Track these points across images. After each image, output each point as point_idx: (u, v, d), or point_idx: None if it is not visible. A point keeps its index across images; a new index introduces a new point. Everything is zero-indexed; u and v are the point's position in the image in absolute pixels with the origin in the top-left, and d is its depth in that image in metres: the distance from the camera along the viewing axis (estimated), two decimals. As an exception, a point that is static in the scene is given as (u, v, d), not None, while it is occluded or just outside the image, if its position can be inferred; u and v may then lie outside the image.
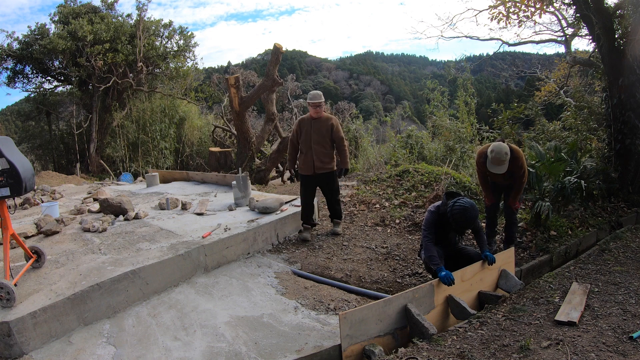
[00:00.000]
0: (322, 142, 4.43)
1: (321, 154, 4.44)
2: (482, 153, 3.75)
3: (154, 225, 4.29)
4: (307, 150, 4.48)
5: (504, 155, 3.49)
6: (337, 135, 4.47)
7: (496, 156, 3.49)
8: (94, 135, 13.17)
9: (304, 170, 4.53)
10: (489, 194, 3.98)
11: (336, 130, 4.46)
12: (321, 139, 4.43)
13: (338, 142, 4.50)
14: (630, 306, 2.57)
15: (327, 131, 4.44)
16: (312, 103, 4.42)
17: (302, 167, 4.55)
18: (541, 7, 5.95)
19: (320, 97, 4.45)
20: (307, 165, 4.50)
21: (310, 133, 4.45)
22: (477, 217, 2.97)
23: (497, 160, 3.51)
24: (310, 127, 4.46)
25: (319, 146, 4.43)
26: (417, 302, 2.61)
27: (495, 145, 3.56)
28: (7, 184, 2.62)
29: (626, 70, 5.07)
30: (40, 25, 12.97)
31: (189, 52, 14.94)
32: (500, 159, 3.49)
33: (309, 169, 4.50)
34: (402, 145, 10.19)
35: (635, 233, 4.13)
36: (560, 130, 7.21)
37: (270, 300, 3.16)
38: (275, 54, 9.11)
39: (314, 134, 4.43)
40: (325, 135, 4.43)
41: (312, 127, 4.45)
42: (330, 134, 4.45)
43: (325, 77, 63.25)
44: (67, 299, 2.68)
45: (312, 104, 4.42)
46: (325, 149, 4.45)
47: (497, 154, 3.49)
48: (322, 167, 4.46)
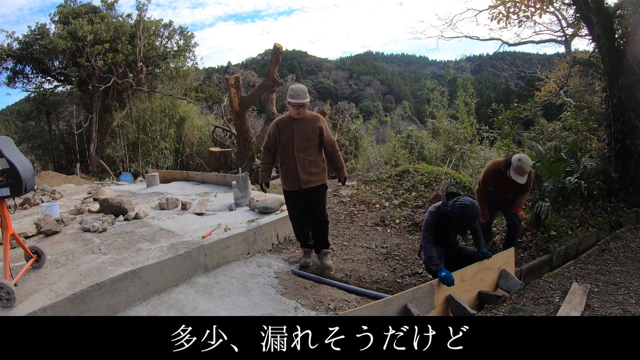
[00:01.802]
0: (308, 149, 3.48)
1: (308, 164, 3.48)
2: (498, 164, 3.79)
3: (154, 225, 4.29)
4: (289, 160, 3.49)
5: (529, 167, 3.59)
6: (329, 140, 3.56)
7: (523, 165, 3.55)
8: (94, 135, 13.17)
9: (288, 185, 3.60)
10: (485, 212, 3.91)
11: (326, 134, 3.54)
12: (307, 144, 3.47)
13: (330, 148, 3.58)
14: (630, 306, 2.57)
15: (313, 134, 3.48)
16: (294, 103, 3.36)
17: (285, 181, 3.63)
18: (541, 7, 5.95)
19: (306, 94, 3.41)
20: (291, 179, 3.53)
21: (292, 138, 3.46)
22: (478, 215, 2.98)
23: (521, 170, 3.56)
24: (292, 130, 3.46)
25: (304, 154, 3.46)
26: (417, 302, 2.62)
27: (523, 155, 3.66)
28: (7, 184, 2.62)
29: (626, 70, 5.07)
30: (40, 25, 12.98)
31: (189, 52, 14.95)
32: (525, 169, 3.57)
33: (293, 183, 3.53)
34: (402, 145, 10.19)
35: (635, 233, 4.12)
36: (560, 130, 7.20)
37: (270, 300, 3.16)
38: (275, 54, 9.11)
39: (297, 138, 3.45)
40: (311, 140, 3.49)
41: (295, 130, 3.46)
42: (319, 137, 3.52)
43: (325, 77, 63.27)
44: (67, 299, 2.68)
45: (295, 104, 3.37)
46: (312, 156, 3.50)
47: (525, 164, 3.56)
48: (310, 181, 3.51)
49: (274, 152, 3.65)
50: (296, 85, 3.49)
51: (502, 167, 3.73)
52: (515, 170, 3.58)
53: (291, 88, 3.44)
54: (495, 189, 3.82)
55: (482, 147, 9.86)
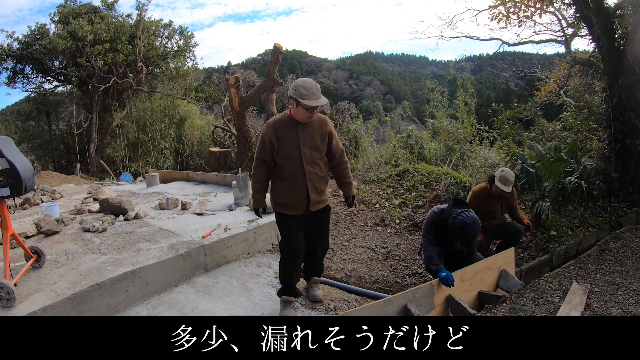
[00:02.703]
0: (318, 161, 2.72)
1: (317, 180, 2.72)
2: (482, 185, 3.95)
3: (154, 225, 4.29)
4: (294, 176, 2.67)
5: (512, 177, 3.72)
6: (338, 148, 2.84)
7: (506, 175, 3.69)
8: (94, 135, 13.18)
9: (291, 208, 2.73)
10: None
11: (336, 140, 2.82)
12: (316, 155, 2.70)
13: (338, 159, 2.86)
14: (630, 306, 2.57)
15: (322, 142, 2.73)
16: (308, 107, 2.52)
17: (287, 203, 2.74)
18: (541, 7, 5.96)
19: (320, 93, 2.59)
20: (295, 200, 2.71)
21: (299, 147, 2.64)
22: (477, 233, 2.99)
23: (505, 180, 3.68)
24: (297, 137, 2.64)
25: (314, 167, 2.70)
26: (417, 302, 2.62)
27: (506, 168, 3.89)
28: (7, 184, 2.62)
29: (626, 70, 5.07)
30: (40, 25, 12.99)
31: (189, 52, 14.97)
32: (509, 180, 3.68)
33: (297, 205, 2.71)
34: (402, 145, 10.18)
35: (635, 233, 4.12)
36: (560, 130, 7.20)
37: (270, 300, 3.16)
38: (275, 54, 9.10)
39: (305, 148, 2.65)
40: (321, 149, 2.74)
41: (300, 136, 2.64)
42: (328, 145, 2.78)
43: (325, 77, 63.23)
44: (67, 299, 2.68)
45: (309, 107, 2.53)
46: (322, 171, 2.76)
47: (507, 173, 3.70)
48: (319, 201, 2.78)
49: (270, 164, 2.72)
50: (307, 80, 2.58)
51: (485, 186, 3.88)
52: (500, 180, 3.68)
53: (300, 85, 2.54)
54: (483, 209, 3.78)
55: (482, 147, 9.86)
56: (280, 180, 2.73)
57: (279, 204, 2.78)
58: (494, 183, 3.72)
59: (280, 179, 2.73)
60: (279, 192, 2.76)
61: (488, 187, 3.83)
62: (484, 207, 3.79)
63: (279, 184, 2.75)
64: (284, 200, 2.74)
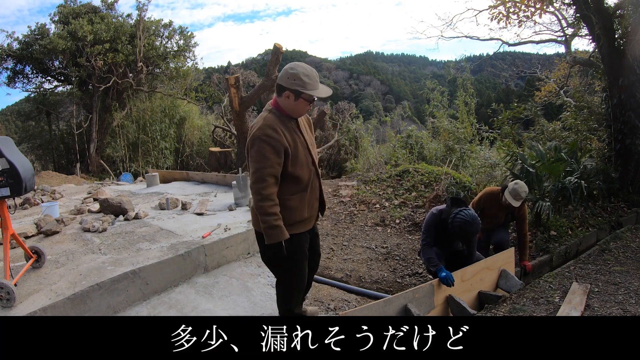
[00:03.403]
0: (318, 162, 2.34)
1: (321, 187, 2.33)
2: (494, 189, 3.79)
3: (154, 225, 4.29)
4: (311, 181, 2.20)
5: (524, 192, 3.54)
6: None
7: (518, 189, 3.51)
8: (94, 135, 13.18)
9: (306, 222, 2.24)
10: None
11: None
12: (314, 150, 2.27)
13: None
14: (630, 306, 2.57)
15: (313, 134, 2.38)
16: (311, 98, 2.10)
17: (305, 217, 2.20)
18: (541, 7, 5.96)
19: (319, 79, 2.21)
20: (312, 209, 2.26)
21: (307, 148, 2.18)
22: (477, 231, 2.96)
23: (516, 193, 3.52)
24: (302, 137, 2.18)
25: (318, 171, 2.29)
26: (417, 302, 2.62)
27: (520, 182, 3.64)
28: (7, 184, 2.62)
29: (626, 70, 5.07)
30: (40, 25, 13.00)
31: (189, 52, 14.98)
32: (520, 194, 3.52)
33: (309, 220, 2.25)
34: (402, 145, 10.18)
35: (635, 233, 4.13)
36: (560, 130, 7.21)
37: (270, 300, 3.16)
38: (275, 54, 9.10)
39: (310, 146, 2.22)
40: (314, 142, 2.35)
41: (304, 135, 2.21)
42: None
43: (325, 77, 63.24)
44: (67, 299, 2.68)
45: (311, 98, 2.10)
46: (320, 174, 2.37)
47: (521, 187, 3.52)
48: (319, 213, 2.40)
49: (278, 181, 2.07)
50: (304, 65, 2.12)
51: (498, 191, 3.73)
52: (510, 192, 3.55)
53: (301, 72, 2.06)
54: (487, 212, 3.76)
55: (482, 147, 9.86)
56: (292, 195, 2.12)
57: (294, 224, 2.14)
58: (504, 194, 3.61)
59: (292, 193, 2.12)
60: (295, 209, 2.14)
61: (500, 194, 3.70)
62: (489, 210, 3.74)
63: (292, 200, 2.13)
64: (302, 216, 2.17)
